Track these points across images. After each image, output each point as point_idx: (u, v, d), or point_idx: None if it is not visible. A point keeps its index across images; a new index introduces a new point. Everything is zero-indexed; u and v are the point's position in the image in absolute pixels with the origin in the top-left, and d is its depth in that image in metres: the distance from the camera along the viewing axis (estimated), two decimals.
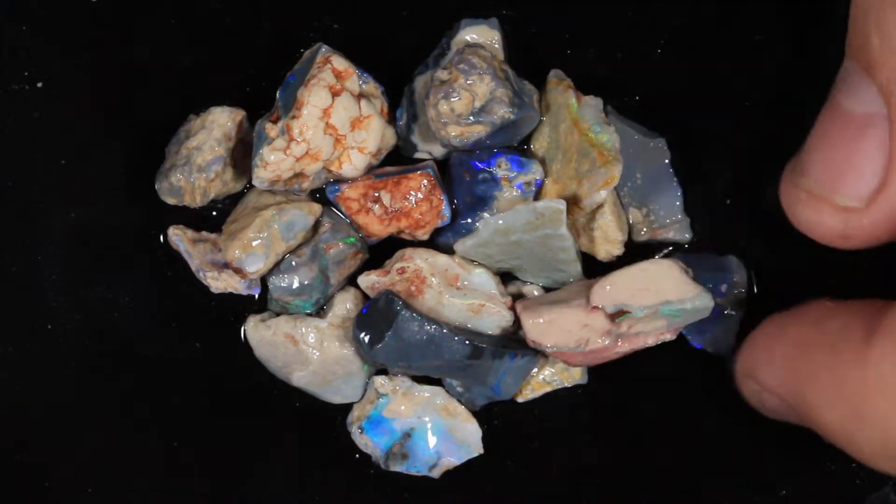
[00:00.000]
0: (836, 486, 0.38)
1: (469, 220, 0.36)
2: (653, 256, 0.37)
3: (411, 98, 0.36)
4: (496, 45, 0.36)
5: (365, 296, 0.37)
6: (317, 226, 0.36)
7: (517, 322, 0.36)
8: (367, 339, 0.36)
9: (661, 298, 0.34)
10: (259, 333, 0.37)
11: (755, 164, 0.37)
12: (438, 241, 0.37)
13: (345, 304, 0.37)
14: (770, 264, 0.37)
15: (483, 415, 0.38)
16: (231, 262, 0.36)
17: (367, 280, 0.37)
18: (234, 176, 0.37)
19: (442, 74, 0.35)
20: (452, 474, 0.38)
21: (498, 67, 0.35)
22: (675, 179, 0.37)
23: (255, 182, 0.36)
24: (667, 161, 0.37)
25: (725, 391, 0.38)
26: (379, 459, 0.38)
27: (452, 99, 0.35)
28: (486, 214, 0.36)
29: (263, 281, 0.37)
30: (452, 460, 0.38)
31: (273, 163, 0.35)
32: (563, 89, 0.36)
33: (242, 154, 0.37)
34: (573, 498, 0.38)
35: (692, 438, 0.38)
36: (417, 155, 0.37)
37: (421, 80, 0.36)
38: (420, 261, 0.36)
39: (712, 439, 0.38)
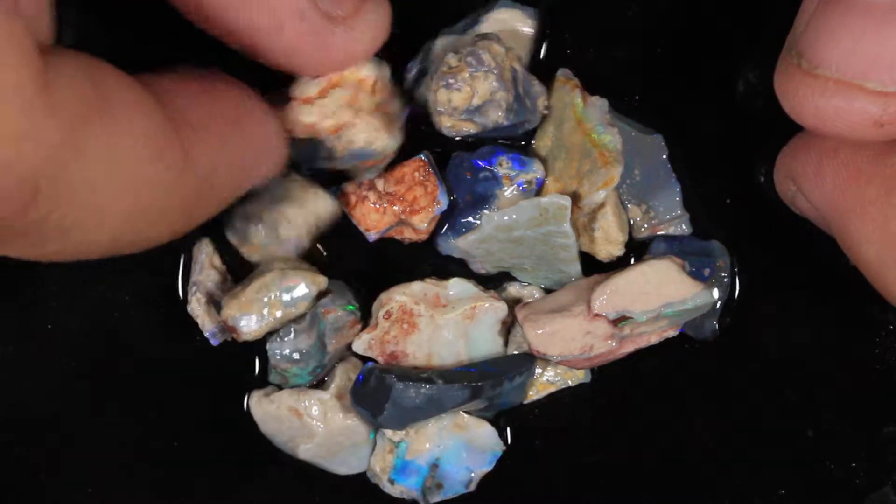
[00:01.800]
0: (836, 486, 0.38)
1: (470, 219, 0.36)
2: (646, 250, 0.37)
3: (428, 54, 0.36)
4: (527, 36, 0.36)
5: (364, 362, 0.37)
6: (320, 297, 0.36)
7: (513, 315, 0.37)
8: (368, 412, 0.36)
9: (662, 301, 0.34)
10: (263, 408, 0.37)
11: (753, 159, 0.37)
12: (438, 243, 0.37)
13: (347, 375, 0.37)
14: (765, 257, 0.37)
15: None
16: (226, 321, 0.36)
17: (362, 343, 0.36)
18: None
19: (451, 60, 0.35)
20: None
21: (507, 67, 0.35)
22: (674, 175, 0.37)
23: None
24: (665, 157, 0.37)
25: (727, 389, 0.38)
26: (419, 499, 0.38)
27: (453, 90, 0.35)
28: (486, 212, 0.36)
29: (262, 347, 0.37)
30: (484, 469, 0.38)
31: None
32: (570, 88, 0.36)
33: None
34: (576, 497, 0.38)
35: (693, 437, 0.38)
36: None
37: (443, 41, 0.36)
38: (398, 296, 0.36)
39: (713, 438, 0.38)
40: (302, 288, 0.36)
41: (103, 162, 0.25)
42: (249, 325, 0.36)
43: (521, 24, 0.36)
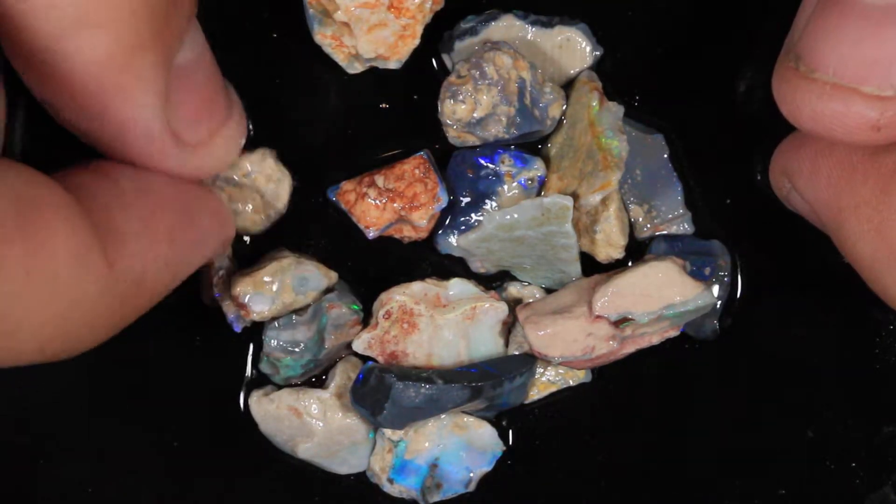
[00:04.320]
0: (836, 486, 0.38)
1: (471, 217, 0.36)
2: (647, 250, 0.37)
3: (479, 27, 0.36)
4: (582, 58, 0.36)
5: (364, 361, 0.37)
6: (326, 293, 0.36)
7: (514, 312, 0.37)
8: (367, 412, 0.35)
9: (663, 303, 0.34)
10: (263, 408, 0.37)
11: (751, 156, 0.37)
12: (438, 241, 0.37)
13: (346, 374, 0.37)
14: (766, 256, 0.37)
15: None
16: (237, 297, 0.35)
17: (361, 343, 0.36)
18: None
19: (461, 69, 0.35)
20: None
21: (513, 78, 0.35)
22: (675, 174, 0.37)
23: None
24: (665, 156, 0.37)
25: (727, 389, 0.38)
26: (418, 499, 0.38)
27: (458, 101, 0.35)
28: (488, 211, 0.36)
29: (259, 334, 0.37)
30: (484, 469, 0.38)
31: None
32: (589, 90, 0.36)
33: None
34: (576, 497, 0.38)
35: (693, 437, 0.38)
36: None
37: (501, 24, 0.36)
38: (398, 296, 0.36)
39: (713, 438, 0.38)
40: (316, 276, 0.36)
41: (22, 280, 0.25)
42: (262, 306, 0.35)
43: (582, 42, 0.37)
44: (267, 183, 0.36)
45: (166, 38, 0.29)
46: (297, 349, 0.36)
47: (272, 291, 0.35)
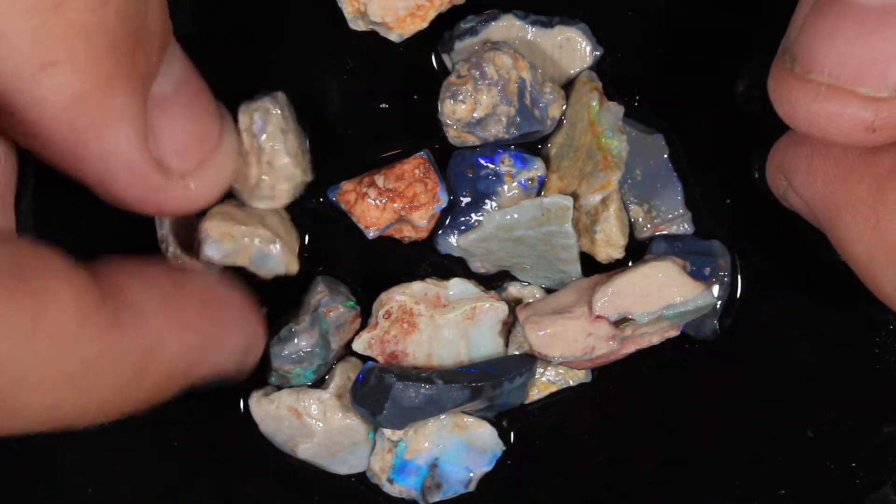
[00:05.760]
0: (836, 486, 0.38)
1: (471, 217, 0.36)
2: (647, 250, 0.37)
3: (479, 26, 0.36)
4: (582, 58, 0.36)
5: (364, 361, 0.37)
6: (311, 291, 0.36)
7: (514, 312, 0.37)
8: (367, 412, 0.35)
9: (663, 303, 0.34)
10: (263, 408, 0.37)
11: (749, 155, 0.37)
12: (438, 241, 0.37)
13: (346, 374, 0.37)
14: (766, 256, 0.37)
15: None
16: (199, 233, 0.35)
17: (362, 343, 0.37)
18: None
19: (461, 69, 0.35)
20: None
21: (513, 78, 0.35)
22: (675, 174, 0.37)
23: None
24: (665, 156, 0.37)
25: (727, 389, 0.38)
26: (418, 499, 0.38)
27: (458, 101, 0.35)
28: (488, 211, 0.36)
29: (264, 354, 0.37)
30: (484, 468, 0.38)
31: None
32: (589, 90, 0.36)
33: None
34: (575, 497, 0.38)
35: (693, 437, 0.38)
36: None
37: (500, 24, 0.36)
38: (398, 296, 0.36)
39: (713, 438, 0.38)
40: (274, 261, 0.36)
41: (22, 339, 0.25)
42: (212, 252, 0.35)
43: (582, 42, 0.37)
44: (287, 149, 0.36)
45: (135, 70, 0.29)
46: (304, 358, 0.36)
47: (231, 245, 0.35)
